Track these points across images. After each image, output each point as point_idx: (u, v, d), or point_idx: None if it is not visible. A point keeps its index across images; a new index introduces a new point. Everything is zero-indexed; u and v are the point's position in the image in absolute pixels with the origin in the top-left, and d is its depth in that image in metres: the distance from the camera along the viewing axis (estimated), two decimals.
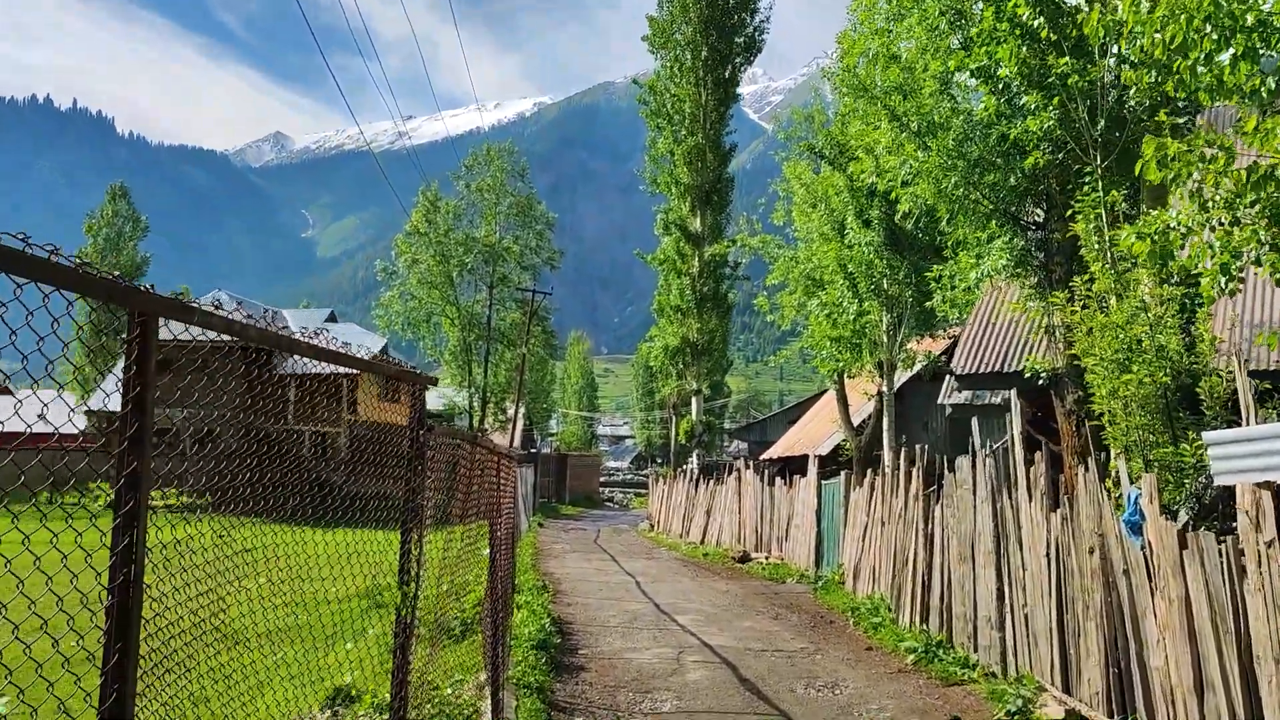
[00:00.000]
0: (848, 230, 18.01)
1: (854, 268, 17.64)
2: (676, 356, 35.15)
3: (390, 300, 44.99)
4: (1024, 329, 13.62)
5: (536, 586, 17.15)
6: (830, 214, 19.07)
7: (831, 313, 18.40)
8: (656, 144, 37.47)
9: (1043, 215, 10.64)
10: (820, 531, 20.78)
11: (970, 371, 13.41)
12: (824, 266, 18.92)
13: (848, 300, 17.95)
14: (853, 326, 17.99)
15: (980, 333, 14.23)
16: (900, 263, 17.30)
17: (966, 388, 13.75)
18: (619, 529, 40.02)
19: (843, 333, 18.17)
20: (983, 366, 13.43)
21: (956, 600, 11.70)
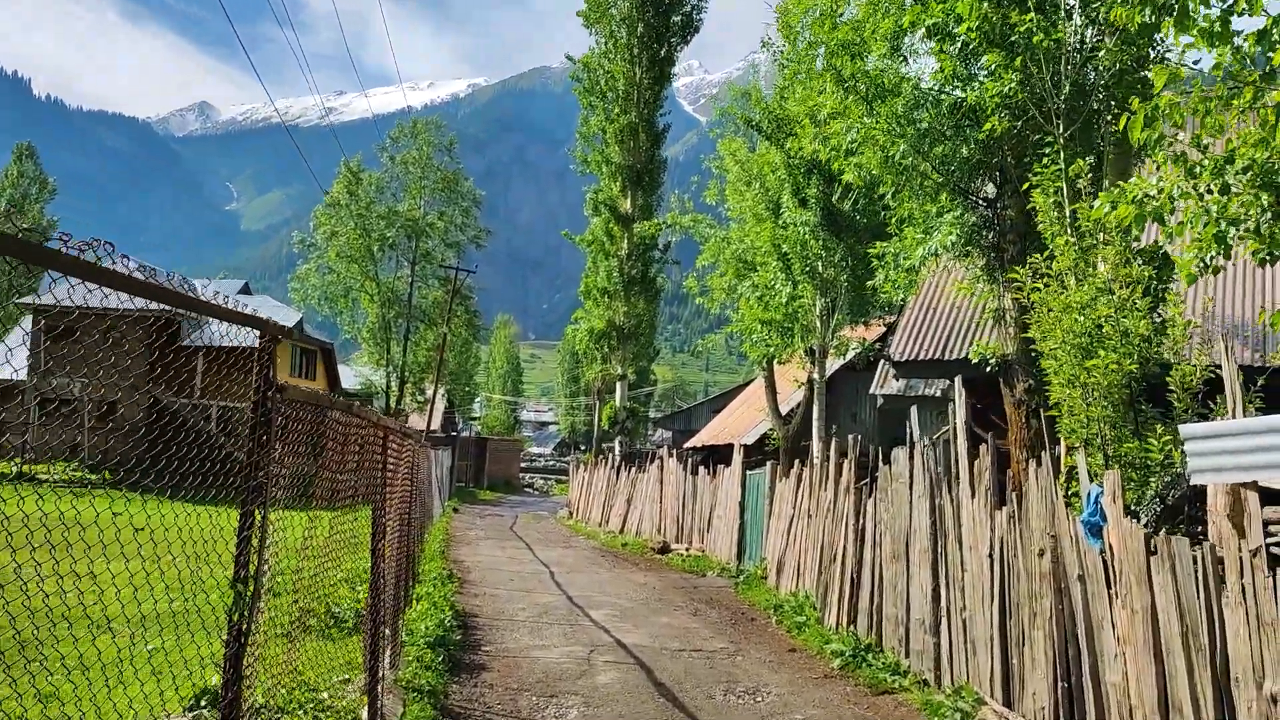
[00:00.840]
0: (783, 210, 17.19)
1: (788, 248, 16.81)
2: (602, 340, 34.14)
3: (307, 273, 43.19)
4: (968, 314, 12.96)
5: (442, 576, 16.06)
6: (765, 193, 18.23)
7: (763, 295, 17.56)
8: (589, 122, 36.36)
9: (994, 191, 9.91)
10: (744, 523, 20.03)
11: (909, 358, 12.69)
12: (757, 248, 18.09)
13: (780, 282, 17.13)
14: (785, 310, 17.18)
15: (921, 317, 13.53)
16: (836, 245, 16.52)
17: (905, 375, 13.06)
18: (538, 516, 38.95)
19: (774, 316, 17.34)
20: (922, 353, 12.72)
21: (888, 601, 10.96)
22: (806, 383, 19.24)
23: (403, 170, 44.36)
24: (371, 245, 42.66)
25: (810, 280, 16.81)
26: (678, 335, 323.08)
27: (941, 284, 14.04)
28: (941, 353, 12.57)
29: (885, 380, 16.84)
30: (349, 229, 42.11)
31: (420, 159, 44.32)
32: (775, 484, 18.32)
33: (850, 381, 22.63)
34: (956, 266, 14.11)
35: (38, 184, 69.78)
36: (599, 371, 35.80)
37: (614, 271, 34.30)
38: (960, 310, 13.28)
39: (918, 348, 12.85)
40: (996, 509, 8.72)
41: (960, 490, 9.41)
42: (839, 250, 16.46)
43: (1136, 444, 6.99)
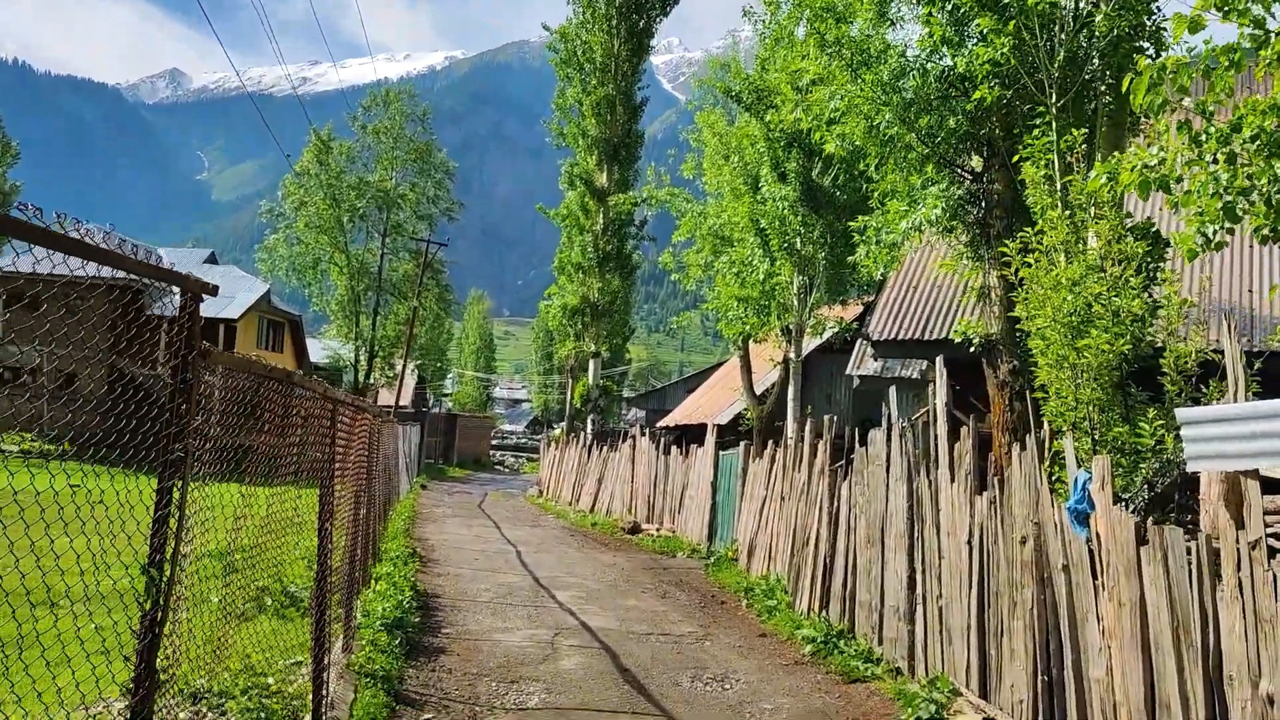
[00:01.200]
0: (762, 184, 16.77)
1: (766, 224, 16.38)
2: (575, 317, 33.62)
3: (275, 244, 42.32)
4: (950, 293, 12.62)
5: (404, 555, 15.64)
6: (744, 167, 17.78)
7: (740, 271, 17.13)
8: (565, 94, 35.69)
9: (981, 164, 9.53)
10: (715, 504, 19.72)
11: (888, 337, 12.33)
12: (734, 223, 17.67)
13: (758, 259, 16.70)
14: (762, 287, 16.76)
15: (901, 296, 13.17)
16: (816, 221, 16.11)
17: (883, 355, 12.72)
18: (508, 494, 38.55)
19: (751, 293, 16.92)
20: (902, 332, 12.37)
21: (861, 587, 10.66)
22: (782, 362, 18.90)
23: (374, 140, 43.50)
24: (341, 216, 41.87)
25: (788, 257, 16.40)
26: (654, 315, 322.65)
27: (923, 261, 13.70)
28: (922, 332, 12.23)
29: (862, 361, 16.52)
30: (318, 199, 41.28)
31: (392, 129, 43.48)
32: (749, 465, 18.00)
33: (826, 363, 22.32)
34: (939, 244, 13.77)
35: (0, 148, 68.12)
36: (572, 348, 35.32)
37: (588, 247, 33.75)
38: (942, 289, 12.94)
39: (897, 327, 12.50)
40: (977, 494, 8.40)
41: (939, 474, 9.09)
42: (818, 227, 16.05)
43: (1126, 428, 6.67)
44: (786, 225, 16.06)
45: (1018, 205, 8.94)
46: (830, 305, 17.55)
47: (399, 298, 44.78)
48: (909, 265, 13.74)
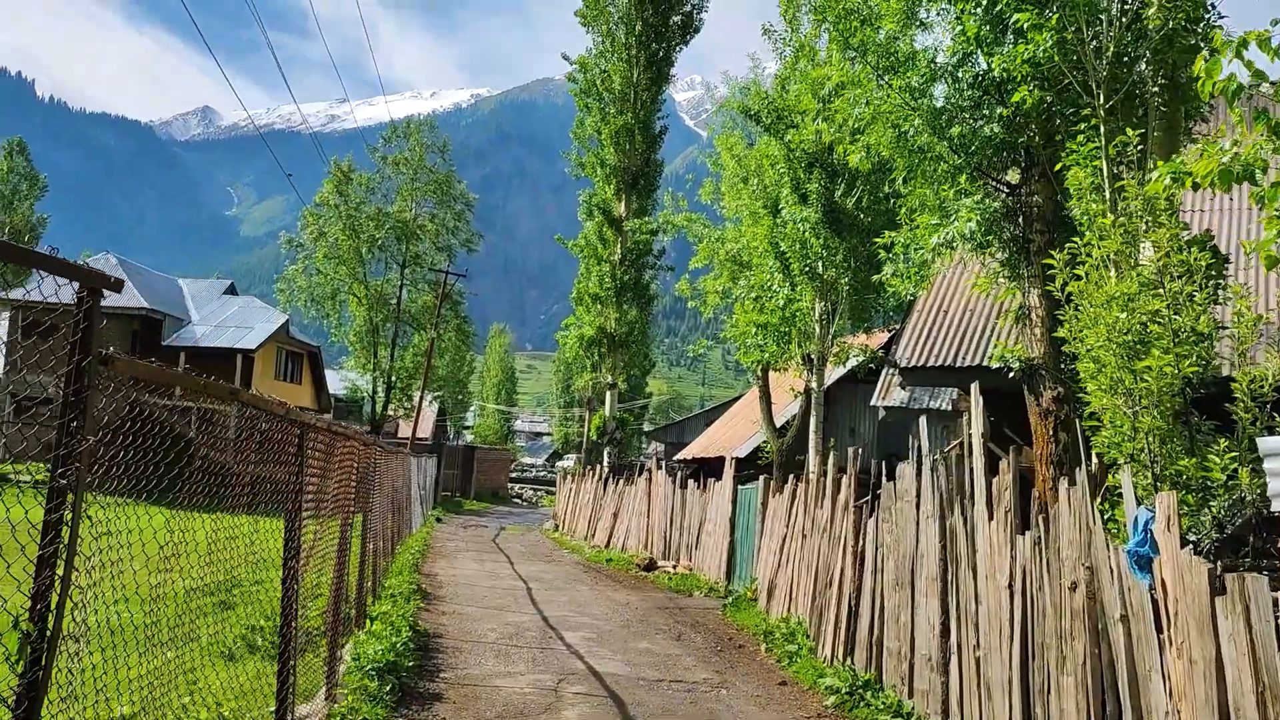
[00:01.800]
0: (782, 206, 16.11)
1: (787, 246, 15.70)
2: (592, 348, 32.98)
3: (294, 274, 42.04)
4: (983, 317, 11.87)
5: (407, 592, 14.93)
6: (763, 190, 17.14)
7: (759, 296, 16.43)
8: (584, 124, 35.31)
9: (1018, 176, 8.83)
10: (734, 541, 18.91)
11: (917, 364, 11.57)
12: (753, 247, 17.01)
13: (778, 283, 16.00)
14: (782, 313, 16.03)
15: (930, 320, 12.43)
16: (838, 244, 15.41)
17: (912, 383, 11.97)
18: (523, 528, 37.78)
19: (770, 319, 16.20)
20: (932, 359, 11.62)
21: (890, 633, 9.84)
22: (803, 393, 18.14)
23: (394, 171, 43.29)
24: (360, 246, 41.58)
25: (809, 281, 15.68)
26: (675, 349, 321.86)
27: (953, 284, 12.97)
28: (953, 359, 11.47)
29: (888, 391, 15.76)
30: (336, 229, 41.02)
31: (412, 160, 43.27)
32: (768, 500, 17.22)
33: (849, 393, 21.52)
34: (970, 263, 13.04)
35: (28, 180, 68.67)
36: (589, 380, 34.66)
37: (606, 277, 33.16)
38: (974, 313, 12.20)
39: (927, 353, 11.74)
40: (1019, 534, 7.62)
41: (975, 511, 8.31)
42: (840, 250, 15.34)
43: (1192, 461, 5.91)
44: (808, 248, 15.36)
45: (1060, 219, 8.24)
46: (854, 333, 16.79)
47: (418, 329, 44.36)
48: (938, 288, 13.01)
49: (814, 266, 15.49)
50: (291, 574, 5.45)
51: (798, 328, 16.23)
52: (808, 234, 15.23)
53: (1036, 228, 8.49)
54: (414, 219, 42.95)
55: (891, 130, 8.78)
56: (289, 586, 5.47)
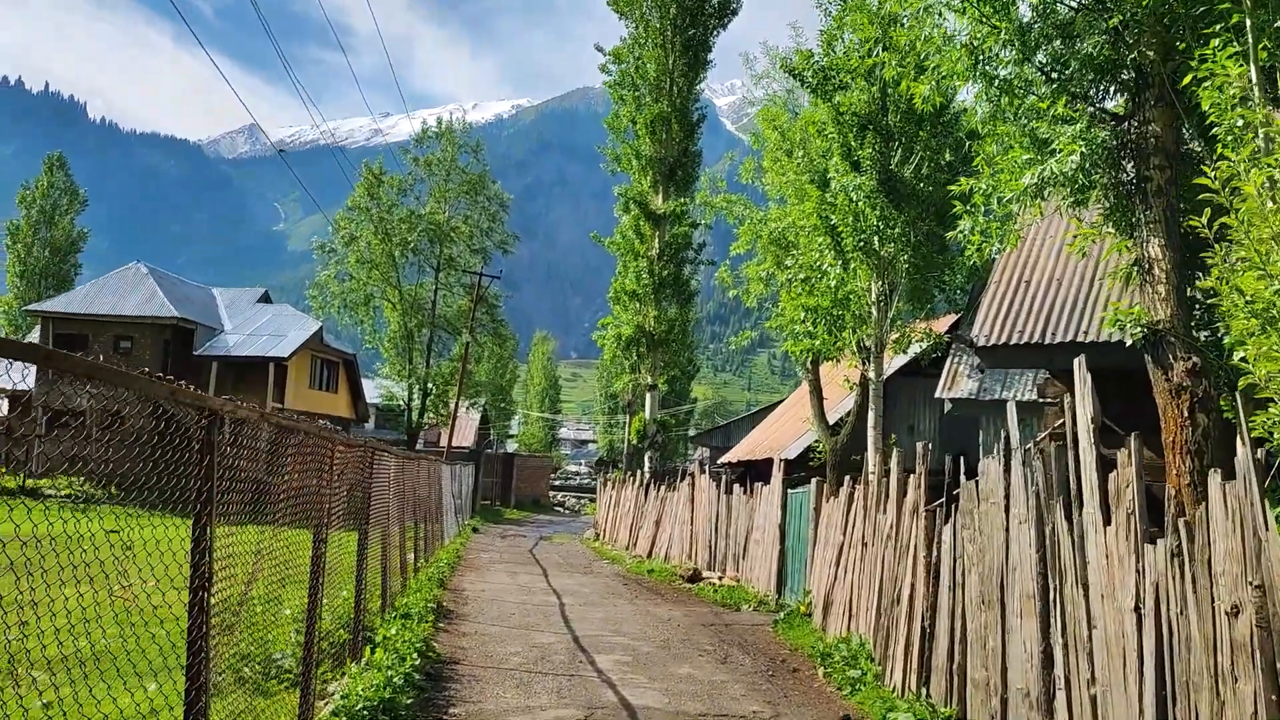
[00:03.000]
0: (831, 178, 14.50)
1: (838, 220, 14.06)
2: (631, 347, 31.50)
3: (326, 280, 41.12)
4: (1071, 287, 10.21)
5: (425, 610, 13.56)
6: (809, 163, 15.58)
7: (808, 278, 14.81)
8: (619, 115, 33.87)
9: (1126, 104, 7.22)
10: (784, 550, 17.36)
11: (998, 342, 9.94)
12: (799, 226, 15.45)
13: (828, 261, 14.38)
14: (833, 295, 14.40)
15: (1009, 293, 10.79)
16: (897, 216, 13.77)
17: (991, 364, 10.38)
18: (563, 537, 36.41)
19: (821, 302, 14.55)
20: (1015, 335, 10.00)
21: (975, 660, 8.26)
22: (858, 385, 16.50)
23: (426, 172, 42.21)
24: (393, 250, 40.54)
25: (864, 259, 14.05)
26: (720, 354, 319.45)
27: (1034, 251, 11.33)
28: (1040, 335, 9.84)
29: (954, 381, 14.13)
30: (368, 232, 40.01)
31: (445, 160, 42.17)
32: (821, 505, 15.66)
33: (907, 388, 19.83)
34: (1054, 227, 11.41)
35: (68, 195, 68.90)
36: (628, 381, 33.18)
37: (643, 273, 31.65)
38: (1061, 283, 10.56)
39: (1009, 329, 10.11)
40: (1147, 542, 6.04)
41: (1085, 515, 6.73)
42: (899, 223, 13.71)
43: None
44: (862, 220, 13.73)
45: (1181, 152, 6.65)
46: (914, 319, 15.10)
47: (454, 334, 43.22)
48: (1018, 257, 11.36)
49: (869, 241, 13.85)
50: (200, 603, 4.11)
51: (851, 312, 14.59)
52: (862, 204, 13.59)
53: (1155, 162, 6.86)
54: (447, 220, 41.84)
55: (966, 56, 7.23)
56: (197, 617, 4.13)
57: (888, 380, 18.11)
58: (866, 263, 14.10)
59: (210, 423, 4.34)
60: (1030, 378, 14.16)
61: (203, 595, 4.26)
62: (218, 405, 4.34)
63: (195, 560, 4.33)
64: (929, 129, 13.61)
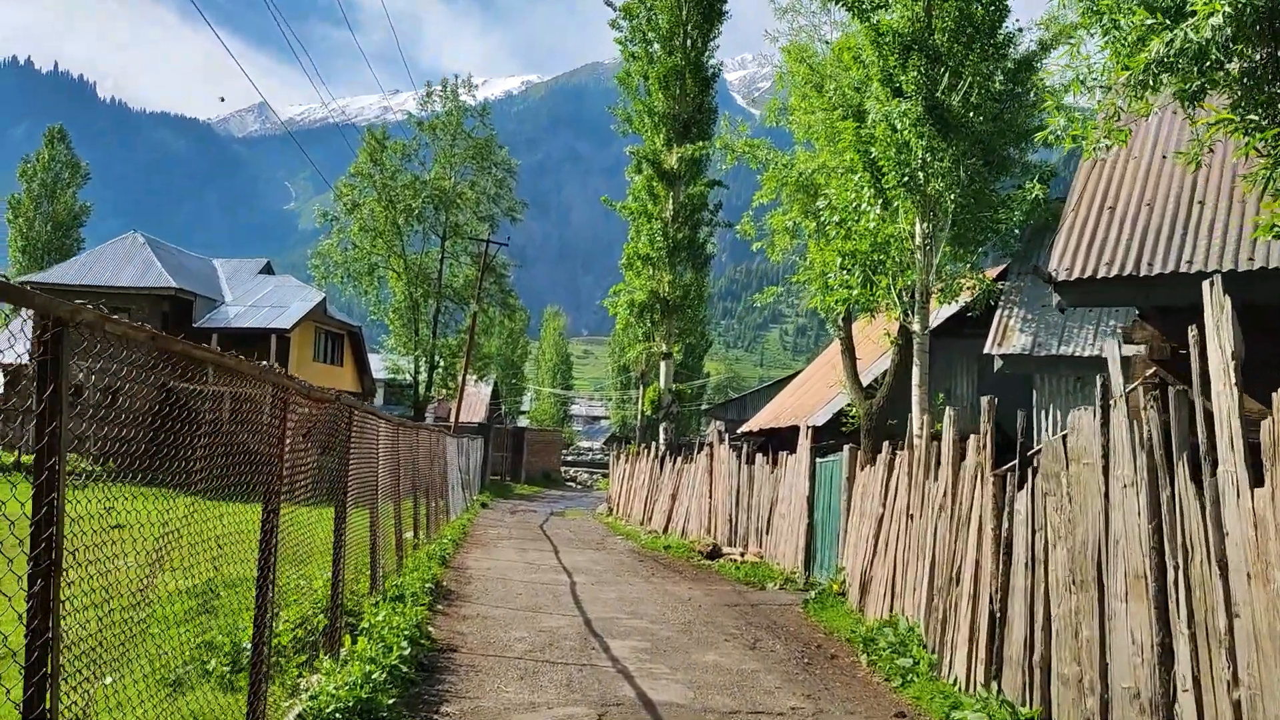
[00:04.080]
0: (870, 110, 12.95)
1: (879, 152, 12.53)
2: (644, 314, 30.07)
3: (328, 249, 39.75)
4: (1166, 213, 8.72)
5: (422, 591, 12.29)
6: (842, 97, 14.07)
7: (844, 220, 13.30)
8: (629, 73, 32.24)
9: None
10: (812, 524, 16.05)
11: (1081, 276, 8.50)
12: (830, 168, 13.98)
13: (867, 199, 12.88)
14: (872, 238, 12.89)
15: (1092, 219, 9.32)
16: (945, 148, 12.25)
17: (1073, 302, 8.98)
18: (575, 512, 35.19)
19: (859, 246, 13.05)
20: (1103, 268, 8.55)
21: (1063, 652, 6.92)
22: (897, 342, 15.07)
23: (430, 137, 40.70)
24: (397, 217, 39.11)
25: (908, 196, 12.56)
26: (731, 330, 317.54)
27: (1119, 172, 9.87)
28: (1136, 266, 8.40)
29: (1005, 336, 12.73)
30: (371, 200, 38.59)
31: (449, 124, 40.65)
32: (855, 474, 14.33)
33: (942, 351, 18.23)
34: (1140, 142, 9.97)
35: (69, 168, 67.63)
36: (641, 350, 31.77)
37: (657, 235, 30.13)
38: (1154, 208, 9.09)
39: (1095, 261, 8.64)
40: None
41: (1222, 474, 5.36)
42: (947, 155, 12.22)
43: None
44: (906, 152, 12.24)
45: None
46: (964, 265, 13.53)
47: (461, 304, 41.84)
48: (1099, 179, 9.89)
49: (914, 177, 12.37)
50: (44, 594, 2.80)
51: (892, 257, 13.11)
52: (907, 133, 12.08)
53: None
54: (453, 186, 40.37)
55: None
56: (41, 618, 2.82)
57: (903, 352, 16.69)
58: (910, 200, 12.60)
59: (56, 336, 3.01)
60: (1091, 331, 12.76)
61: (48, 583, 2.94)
62: (64, 313, 3.00)
63: (36, 533, 3.00)
64: (979, 50, 12.14)
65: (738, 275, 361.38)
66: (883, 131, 12.30)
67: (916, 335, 13.26)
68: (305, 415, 7.21)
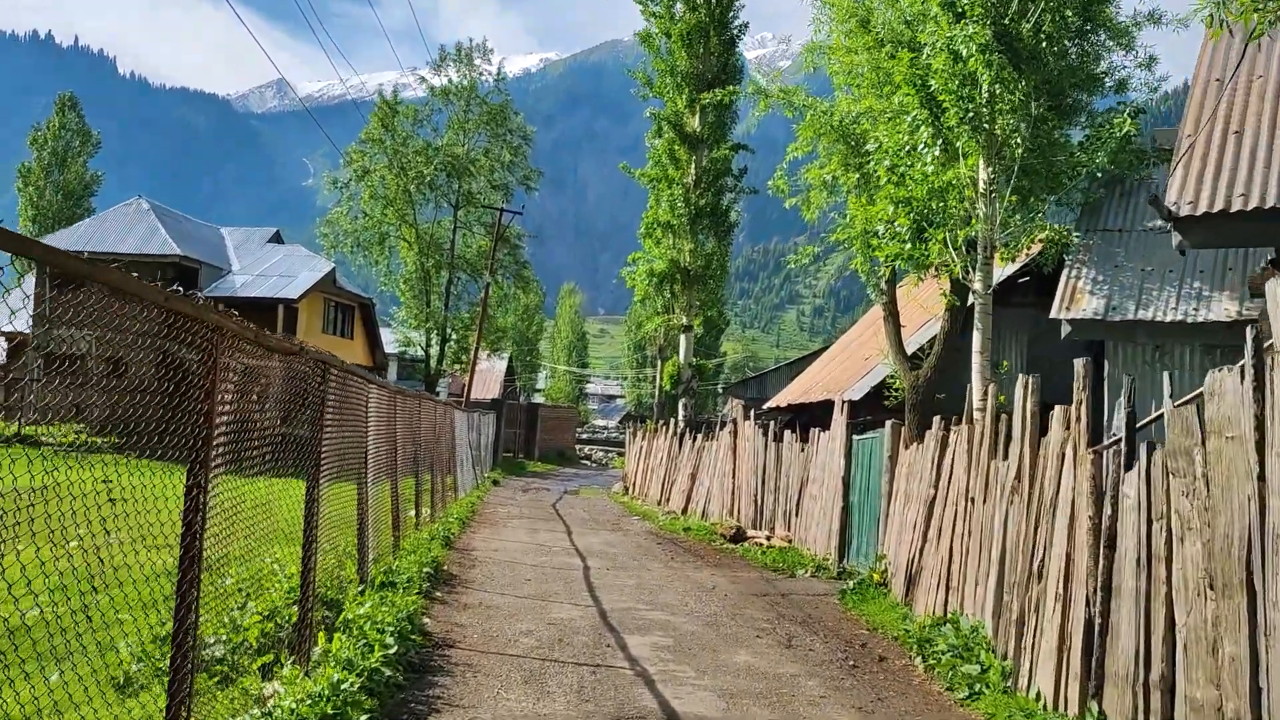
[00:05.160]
0: (926, 43, 11.41)
1: (939, 84, 11.03)
2: (664, 284, 28.61)
3: (338, 217, 38.43)
4: None
5: (419, 576, 11.04)
6: (891, 32, 12.55)
7: (894, 164, 11.76)
8: (650, 35, 30.59)
9: None
10: (848, 506, 14.72)
11: (1207, 210, 7.12)
12: (877, 111, 12.48)
13: (924, 140, 11.38)
14: (930, 184, 11.36)
15: (1215, 147, 7.93)
16: (1016, 80, 10.71)
17: (1196, 242, 7.52)
18: (589, 490, 33.94)
19: (916, 193, 11.50)
20: (1235, 200, 7.15)
21: (1194, 671, 5.57)
22: (953, 301, 13.54)
23: (443, 102, 39.24)
24: (408, 185, 37.72)
25: (973, 135, 11.04)
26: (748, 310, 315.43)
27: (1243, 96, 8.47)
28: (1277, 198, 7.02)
29: (1073, 299, 11.30)
30: (382, 166, 37.21)
31: (463, 89, 39.16)
32: (899, 452, 12.98)
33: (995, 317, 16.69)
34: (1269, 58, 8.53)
35: (80, 136, 66.49)
36: (660, 323, 30.34)
37: (678, 201, 28.58)
38: None
39: (1223, 193, 7.25)
40: None
41: None
42: (1019, 88, 10.70)
43: None
44: (972, 84, 10.68)
45: None
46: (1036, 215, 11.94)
47: (474, 276, 40.46)
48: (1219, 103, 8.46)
49: (979, 112, 10.86)
50: None
51: (949, 207, 11.60)
52: (974, 61, 10.59)
53: None
54: (466, 153, 38.93)
55: None
56: None
57: (953, 317, 15.28)
58: (975, 140, 11.10)
59: None
60: (1173, 295, 11.31)
61: None
62: None
63: None
64: None
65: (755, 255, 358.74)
66: (943, 62, 10.82)
67: (978, 295, 11.78)
68: (259, 368, 5.93)
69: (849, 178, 13.93)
